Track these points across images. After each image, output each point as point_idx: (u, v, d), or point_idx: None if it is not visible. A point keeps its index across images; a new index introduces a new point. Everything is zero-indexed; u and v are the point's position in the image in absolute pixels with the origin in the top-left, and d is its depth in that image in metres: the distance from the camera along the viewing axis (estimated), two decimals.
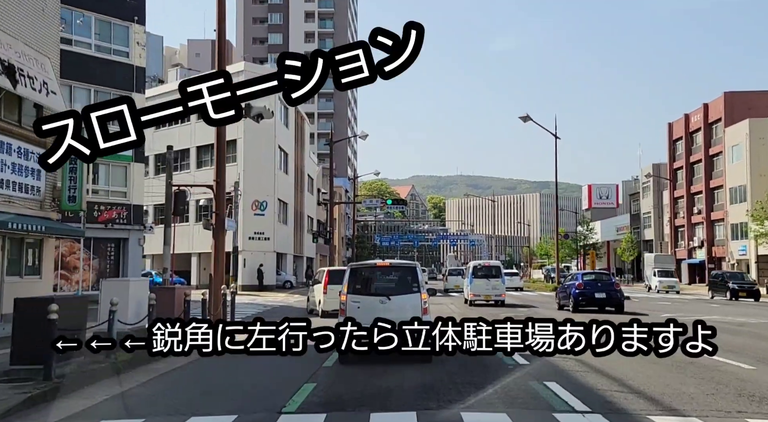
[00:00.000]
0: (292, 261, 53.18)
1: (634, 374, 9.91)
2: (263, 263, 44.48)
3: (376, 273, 11.95)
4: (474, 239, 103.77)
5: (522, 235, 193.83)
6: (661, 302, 33.16)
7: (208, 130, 48.28)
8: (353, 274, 11.78)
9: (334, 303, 20.02)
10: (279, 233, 48.13)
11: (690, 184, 67.55)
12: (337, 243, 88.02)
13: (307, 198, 61.15)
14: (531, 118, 42.16)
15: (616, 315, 20.77)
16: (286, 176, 50.88)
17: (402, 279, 11.60)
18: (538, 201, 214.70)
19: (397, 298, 11.08)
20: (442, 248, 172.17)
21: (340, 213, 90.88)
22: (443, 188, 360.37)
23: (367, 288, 11.56)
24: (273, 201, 46.35)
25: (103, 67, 28.46)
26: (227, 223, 17.38)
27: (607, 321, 5.55)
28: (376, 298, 11.11)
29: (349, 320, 5.69)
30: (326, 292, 21.24)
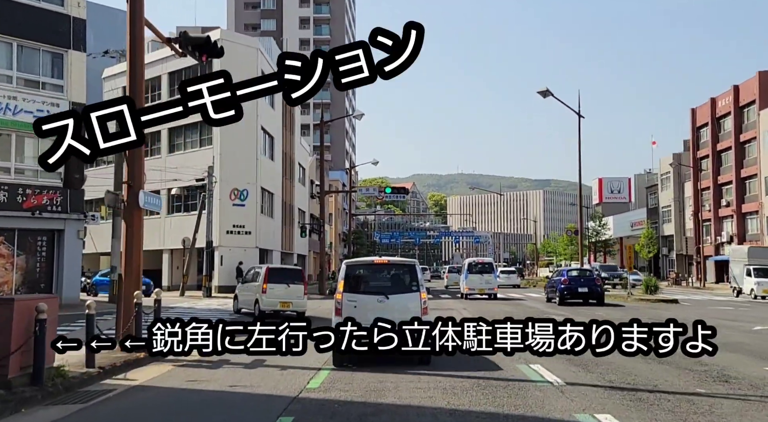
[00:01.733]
0: (279, 258, 47.39)
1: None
2: (243, 260, 38.52)
3: (373, 270, 11.53)
4: (479, 236, 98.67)
5: (525, 233, 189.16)
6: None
7: None
8: (349, 272, 11.11)
9: (273, 303, 19.75)
10: (263, 227, 42.38)
11: (717, 174, 61.87)
12: (333, 240, 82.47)
13: (298, 189, 55.40)
14: (551, 93, 36.39)
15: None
16: (271, 163, 45.13)
17: (401, 278, 11.22)
18: (541, 198, 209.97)
19: (395, 297, 10.63)
20: (444, 246, 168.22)
21: (337, 208, 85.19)
22: (444, 187, 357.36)
23: (365, 286, 11.09)
24: (255, 190, 40.60)
25: (29, 16, 22.81)
26: (143, 198, 11.71)
27: (607, 321, 5.83)
28: (373, 297, 10.61)
29: (349, 320, 6.16)
30: (265, 291, 19.92)
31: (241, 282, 23.56)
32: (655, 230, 73.30)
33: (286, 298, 19.94)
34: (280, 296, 19.87)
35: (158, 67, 42.36)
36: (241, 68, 39.18)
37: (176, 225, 40.09)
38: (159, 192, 41.95)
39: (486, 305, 26.21)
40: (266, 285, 19.86)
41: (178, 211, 41.00)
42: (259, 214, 41.23)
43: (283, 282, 20.15)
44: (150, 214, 43.61)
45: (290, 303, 19.90)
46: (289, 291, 20.08)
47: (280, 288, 19.97)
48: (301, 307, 20.10)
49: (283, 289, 20.03)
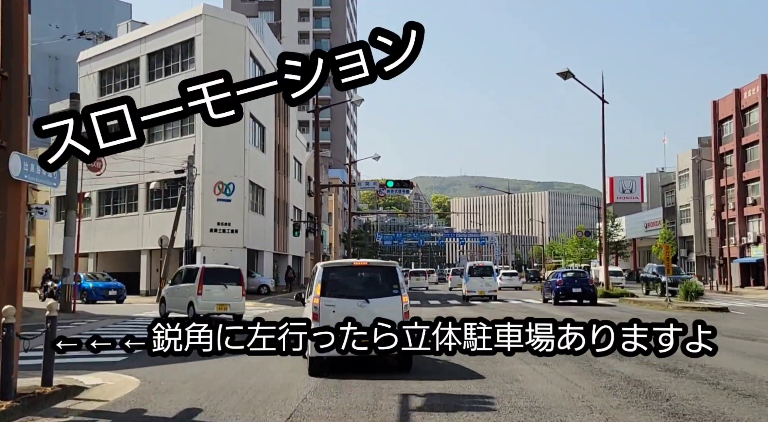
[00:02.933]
0: (271, 260, 43.47)
1: None
2: (228, 261, 34.44)
3: (352, 273, 11.01)
4: (484, 237, 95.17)
5: (530, 235, 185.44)
6: None
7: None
8: (327, 275, 10.38)
9: (209, 305, 19.02)
10: (252, 225, 38.42)
11: (742, 170, 57.78)
12: (333, 241, 78.46)
13: (293, 186, 51.47)
14: (572, 75, 32.46)
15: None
16: (262, 155, 41.20)
17: (381, 281, 10.71)
18: (546, 199, 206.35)
19: (376, 301, 10.12)
20: (449, 248, 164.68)
21: (337, 208, 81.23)
22: (446, 189, 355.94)
23: (343, 290, 10.41)
24: (242, 184, 36.67)
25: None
26: (19, 164, 7.78)
27: (607, 321, 5.74)
28: (353, 301, 10.04)
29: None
30: (201, 293, 19.11)
31: (169, 284, 22.31)
32: (673, 231, 69.32)
33: (224, 300, 19.15)
34: (217, 298, 19.07)
35: (136, 49, 38.51)
36: (226, 47, 35.28)
37: (155, 222, 36.21)
38: (137, 186, 38.09)
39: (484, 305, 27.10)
40: (202, 287, 18.99)
41: (158, 207, 37.14)
42: (247, 211, 37.32)
43: (220, 284, 19.29)
44: (128, 211, 39.83)
45: (227, 306, 19.14)
46: (226, 293, 19.29)
47: (217, 289, 19.15)
48: (238, 310, 19.41)
49: (220, 291, 19.19)
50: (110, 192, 40.23)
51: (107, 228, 40.23)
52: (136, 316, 22.23)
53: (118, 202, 40.11)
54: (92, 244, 41.12)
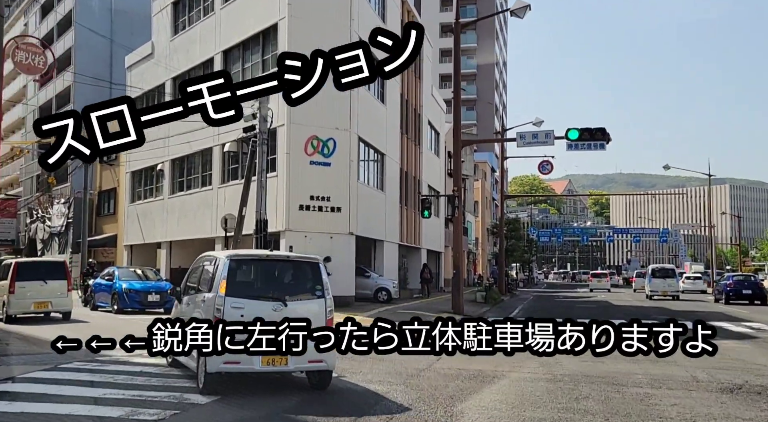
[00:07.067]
0: (395, 254, 31.75)
1: None
2: (330, 254, 22.91)
3: (266, 268, 9.23)
4: (665, 232, 79.70)
5: (703, 234, 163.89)
6: None
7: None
8: (234, 269, 8.58)
9: (25, 305, 18.01)
10: (365, 203, 26.79)
11: None
12: (480, 236, 65.82)
13: (428, 159, 39.55)
14: None
15: None
16: (380, 106, 29.57)
17: (301, 279, 9.07)
18: (727, 193, 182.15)
19: (294, 304, 8.48)
20: (609, 248, 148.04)
21: (485, 197, 68.46)
22: (601, 187, 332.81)
23: (255, 288, 8.88)
24: (347, 140, 25.02)
25: None
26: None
27: (606, 321, 5.52)
28: (267, 303, 8.34)
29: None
30: (14, 292, 17.71)
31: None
32: None
33: (43, 298, 17.96)
34: (34, 296, 17.80)
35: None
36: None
37: (231, 198, 25.66)
38: (211, 150, 27.97)
39: None
40: (15, 284, 17.70)
41: (234, 177, 26.60)
42: (355, 182, 25.77)
43: (37, 279, 17.95)
44: (202, 185, 29.80)
45: (49, 303, 18.09)
46: (46, 290, 17.93)
47: (33, 286, 17.82)
48: (64, 307, 18.49)
49: (37, 287, 17.82)
50: (183, 159, 30.51)
51: (180, 208, 30.53)
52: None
53: (192, 173, 30.27)
54: (165, 231, 31.59)
